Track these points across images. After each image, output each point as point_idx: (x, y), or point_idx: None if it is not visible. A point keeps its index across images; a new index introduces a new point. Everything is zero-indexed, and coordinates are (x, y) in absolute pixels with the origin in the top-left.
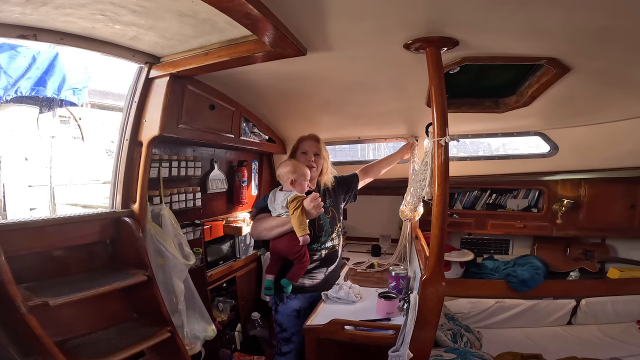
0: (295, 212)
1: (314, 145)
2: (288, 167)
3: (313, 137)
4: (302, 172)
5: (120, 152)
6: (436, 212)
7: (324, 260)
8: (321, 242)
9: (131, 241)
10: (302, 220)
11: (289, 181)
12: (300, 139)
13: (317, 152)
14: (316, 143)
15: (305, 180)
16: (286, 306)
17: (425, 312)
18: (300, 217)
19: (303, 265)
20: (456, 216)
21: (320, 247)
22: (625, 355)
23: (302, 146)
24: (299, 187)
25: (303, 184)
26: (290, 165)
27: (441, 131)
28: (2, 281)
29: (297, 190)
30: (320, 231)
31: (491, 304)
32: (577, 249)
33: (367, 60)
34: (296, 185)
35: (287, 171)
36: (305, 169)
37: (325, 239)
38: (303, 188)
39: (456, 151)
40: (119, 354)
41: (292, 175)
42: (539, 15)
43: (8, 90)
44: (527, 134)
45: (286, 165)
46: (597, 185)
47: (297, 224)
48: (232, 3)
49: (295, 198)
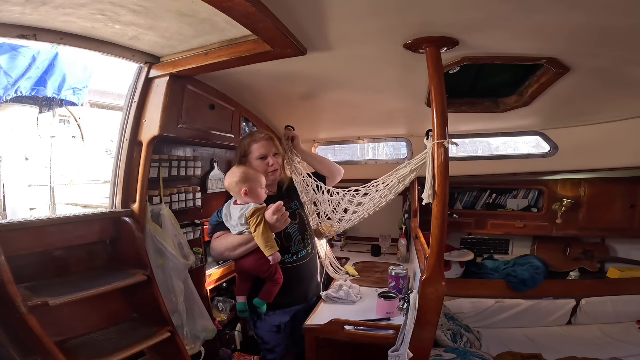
0: (258, 229)
1: (270, 146)
2: (236, 176)
3: (266, 137)
4: (255, 179)
5: (120, 152)
6: (436, 212)
7: (301, 272)
8: (292, 252)
9: (131, 241)
10: (267, 236)
11: (242, 192)
12: (249, 142)
13: (275, 152)
14: (271, 142)
15: (261, 187)
16: (265, 323)
17: (425, 312)
18: (265, 233)
19: (276, 283)
20: (456, 216)
21: (292, 259)
22: (625, 355)
23: (256, 151)
24: (254, 198)
25: (259, 193)
26: (239, 173)
27: (441, 131)
28: (2, 281)
29: (254, 201)
30: (288, 240)
31: (491, 304)
32: (577, 249)
33: (367, 60)
34: (251, 195)
35: (237, 181)
36: (258, 174)
37: (297, 248)
38: (260, 197)
39: (456, 151)
40: (119, 354)
41: (244, 185)
42: (539, 15)
43: (8, 90)
44: (527, 134)
45: (233, 174)
46: (597, 185)
47: (263, 242)
48: (232, 3)
49: (254, 212)
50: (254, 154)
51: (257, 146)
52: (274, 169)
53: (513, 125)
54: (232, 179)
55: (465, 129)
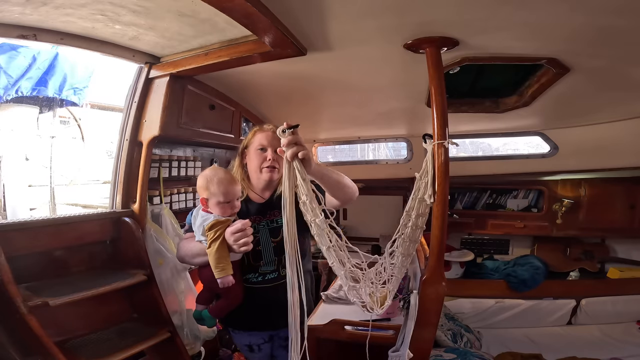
0: (213, 245)
1: (274, 140)
2: (201, 178)
3: (274, 129)
4: (223, 190)
5: (120, 152)
6: (436, 212)
7: (266, 295)
8: (260, 272)
9: (131, 241)
10: (220, 256)
11: (200, 199)
12: (254, 131)
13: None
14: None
15: (229, 200)
16: (236, 337)
17: (425, 312)
18: (219, 250)
19: (230, 301)
20: (456, 216)
21: (258, 279)
22: (625, 355)
23: (257, 140)
24: (217, 210)
25: (223, 207)
26: (203, 176)
27: (441, 131)
28: (2, 281)
29: (216, 212)
30: (257, 260)
31: (491, 304)
32: (577, 249)
33: (367, 60)
34: (212, 206)
35: (199, 185)
36: (230, 184)
37: (266, 269)
38: (224, 211)
39: (456, 151)
40: (119, 354)
41: (203, 193)
42: (539, 15)
43: (8, 90)
44: (527, 134)
45: (200, 176)
46: (597, 185)
47: (214, 261)
48: (232, 3)
49: (213, 226)
50: (255, 143)
51: (260, 135)
52: (270, 166)
53: (513, 125)
54: (198, 180)
55: (465, 129)
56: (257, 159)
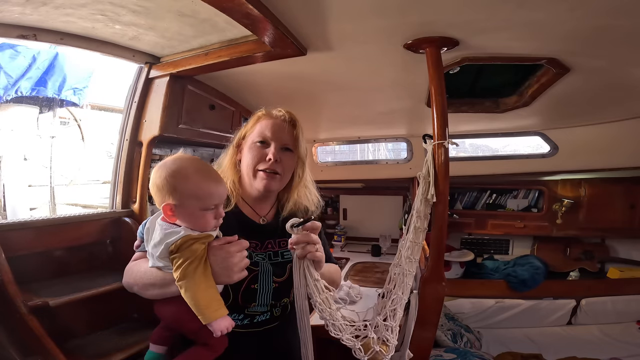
0: (189, 276)
1: (283, 133)
2: (161, 172)
3: (285, 118)
4: (206, 187)
5: (120, 152)
6: (436, 212)
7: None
8: (248, 314)
9: (131, 241)
10: (209, 289)
11: (162, 207)
12: (259, 116)
13: (287, 146)
14: (290, 128)
15: (214, 204)
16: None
17: (425, 312)
18: (203, 280)
19: (210, 349)
20: (456, 216)
21: (243, 322)
22: (625, 355)
23: (258, 130)
24: (193, 220)
25: (204, 217)
26: (167, 168)
27: (441, 131)
28: (2, 281)
29: (190, 224)
30: (248, 300)
31: (491, 304)
32: (577, 249)
33: (367, 60)
34: (183, 216)
35: (159, 184)
36: (217, 180)
37: (258, 309)
38: (205, 223)
39: (456, 152)
40: (119, 354)
41: (168, 196)
42: (539, 15)
43: (8, 90)
44: (527, 134)
45: (161, 169)
46: (597, 185)
47: (200, 298)
48: (232, 3)
49: (185, 244)
50: (254, 133)
51: (265, 123)
52: (271, 169)
53: (513, 125)
54: (155, 177)
55: (465, 129)
56: (253, 155)
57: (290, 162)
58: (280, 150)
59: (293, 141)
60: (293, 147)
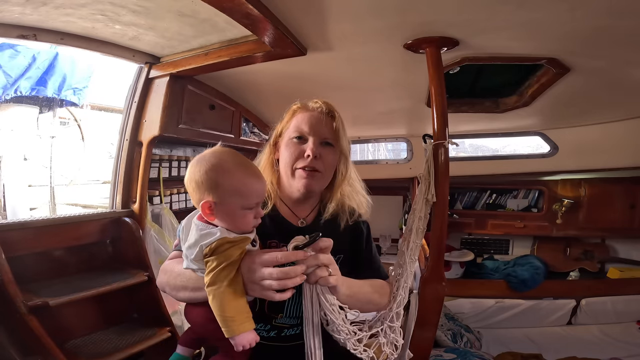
0: (219, 284)
1: (321, 126)
2: (200, 166)
3: (323, 109)
4: (248, 184)
5: (120, 152)
6: (436, 212)
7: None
8: (275, 325)
9: (131, 241)
10: (235, 301)
11: (201, 204)
12: (294, 110)
13: (327, 140)
14: (328, 121)
15: (255, 203)
16: None
17: (425, 312)
18: (231, 292)
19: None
20: (456, 216)
21: (270, 334)
22: (625, 355)
23: (294, 124)
24: (230, 220)
25: (244, 217)
26: (208, 162)
27: (441, 131)
28: (2, 281)
29: (227, 225)
30: (275, 310)
31: (491, 304)
32: (577, 249)
33: (367, 60)
34: (222, 215)
35: (197, 180)
36: (258, 176)
37: (286, 322)
38: (244, 223)
39: (456, 152)
40: (119, 354)
41: (206, 192)
42: (538, 15)
43: (7, 90)
44: (527, 134)
45: (199, 163)
46: (597, 185)
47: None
48: (232, 3)
49: (220, 248)
50: (291, 129)
51: (301, 117)
52: (310, 166)
53: (513, 125)
54: (193, 172)
55: (465, 129)
56: (290, 152)
57: (332, 158)
58: (319, 145)
59: (333, 134)
60: (333, 141)
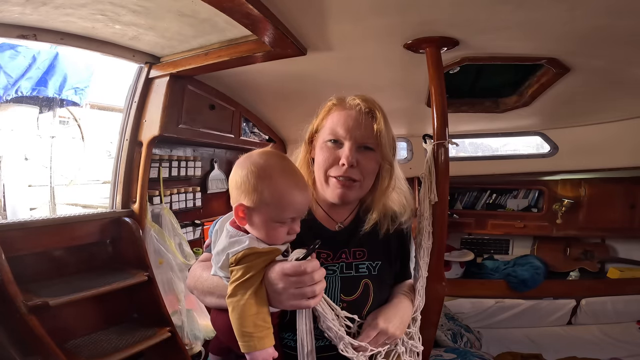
0: (241, 293)
1: (360, 126)
2: (245, 168)
3: (362, 107)
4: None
5: (120, 152)
6: (436, 212)
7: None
8: None
9: (131, 241)
10: (254, 316)
11: (235, 207)
12: (329, 107)
13: (366, 144)
14: (368, 121)
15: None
16: None
17: (425, 312)
18: (252, 305)
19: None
20: (456, 216)
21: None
22: (625, 355)
23: (330, 123)
24: (265, 230)
25: (278, 230)
26: (255, 164)
27: (441, 131)
28: (2, 281)
29: (259, 235)
30: None
31: (491, 304)
32: (577, 249)
33: (367, 60)
34: (257, 223)
35: (239, 181)
36: (306, 189)
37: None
38: (277, 236)
39: (456, 151)
40: (119, 354)
41: (244, 195)
42: (538, 15)
43: (8, 90)
44: (527, 134)
45: (246, 163)
46: (597, 185)
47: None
48: (232, 3)
49: (249, 256)
50: (325, 129)
51: (337, 116)
52: (346, 176)
53: (513, 125)
54: (235, 169)
55: (465, 129)
56: (325, 157)
57: (371, 165)
58: (356, 150)
59: (373, 138)
60: (374, 144)
